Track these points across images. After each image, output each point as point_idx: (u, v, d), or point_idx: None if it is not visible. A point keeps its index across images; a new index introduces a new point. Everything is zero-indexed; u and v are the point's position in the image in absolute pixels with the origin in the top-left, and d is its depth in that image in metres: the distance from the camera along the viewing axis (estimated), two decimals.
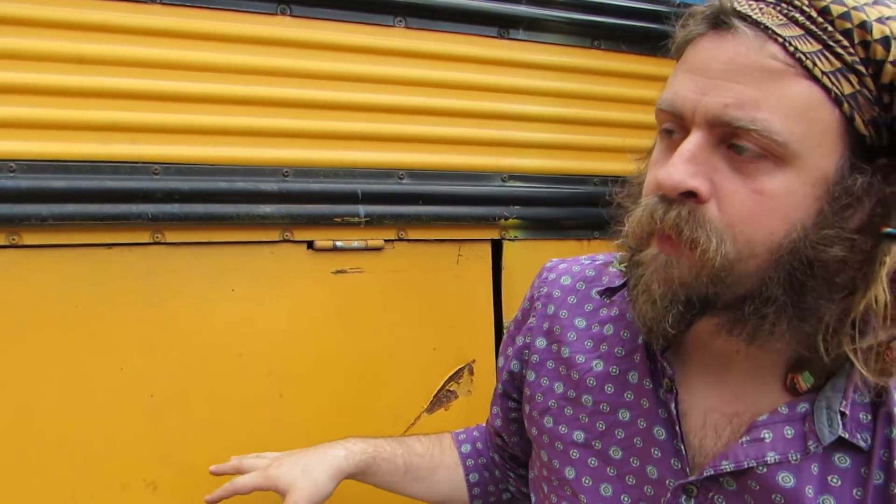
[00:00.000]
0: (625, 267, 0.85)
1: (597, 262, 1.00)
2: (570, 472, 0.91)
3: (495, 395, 1.13)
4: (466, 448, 1.18)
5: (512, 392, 1.06)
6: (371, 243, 1.40)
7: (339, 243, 1.37)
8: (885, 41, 0.64)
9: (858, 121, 0.66)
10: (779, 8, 0.68)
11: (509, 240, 1.51)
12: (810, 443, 0.73)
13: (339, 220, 1.35)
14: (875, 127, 0.67)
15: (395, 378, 1.44)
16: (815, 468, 0.74)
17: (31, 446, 1.17)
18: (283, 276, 1.34)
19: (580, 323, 0.96)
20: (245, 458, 1.13)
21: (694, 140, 0.69)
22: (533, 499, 1.02)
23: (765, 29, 0.67)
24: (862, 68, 0.65)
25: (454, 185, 1.45)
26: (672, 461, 0.82)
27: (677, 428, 0.82)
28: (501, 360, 1.08)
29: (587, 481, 0.89)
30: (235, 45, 1.28)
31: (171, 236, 1.25)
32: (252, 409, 1.32)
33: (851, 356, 0.68)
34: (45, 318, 1.18)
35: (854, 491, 0.73)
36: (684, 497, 0.80)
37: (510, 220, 1.49)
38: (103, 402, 1.22)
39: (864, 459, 0.73)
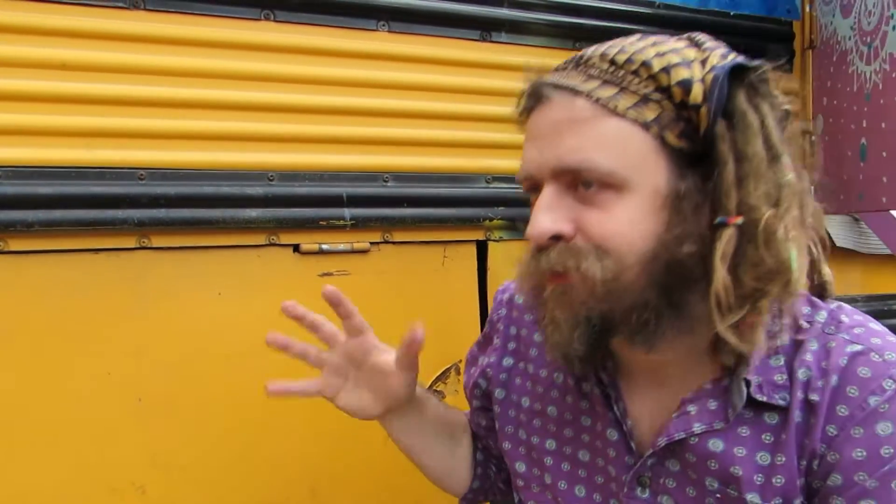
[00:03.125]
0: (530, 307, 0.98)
1: None
2: (547, 478, 0.99)
3: (471, 412, 1.17)
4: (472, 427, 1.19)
5: (488, 405, 1.10)
6: (357, 246, 1.41)
7: (324, 246, 1.38)
8: (666, 70, 0.77)
9: (670, 137, 0.78)
10: (579, 69, 0.82)
11: (494, 241, 1.52)
12: (729, 411, 0.83)
13: (324, 223, 1.36)
14: (688, 138, 0.78)
15: None
16: (744, 430, 0.83)
17: (19, 451, 1.18)
18: (269, 279, 1.35)
19: (538, 338, 1.02)
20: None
21: (547, 191, 0.81)
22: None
23: (571, 89, 0.80)
24: (657, 95, 0.78)
25: (439, 187, 1.46)
26: (626, 458, 0.90)
27: (624, 428, 0.90)
28: (466, 378, 1.15)
29: (563, 485, 0.97)
30: (219, 50, 1.28)
31: (157, 241, 1.26)
32: (240, 411, 1.33)
33: (724, 335, 0.76)
34: (32, 324, 1.19)
35: (781, 437, 0.82)
36: (639, 489, 0.89)
37: (495, 221, 1.51)
38: (91, 407, 1.22)
39: (785, 415, 0.82)
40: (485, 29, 1.49)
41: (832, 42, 1.77)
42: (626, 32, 1.58)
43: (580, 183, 0.79)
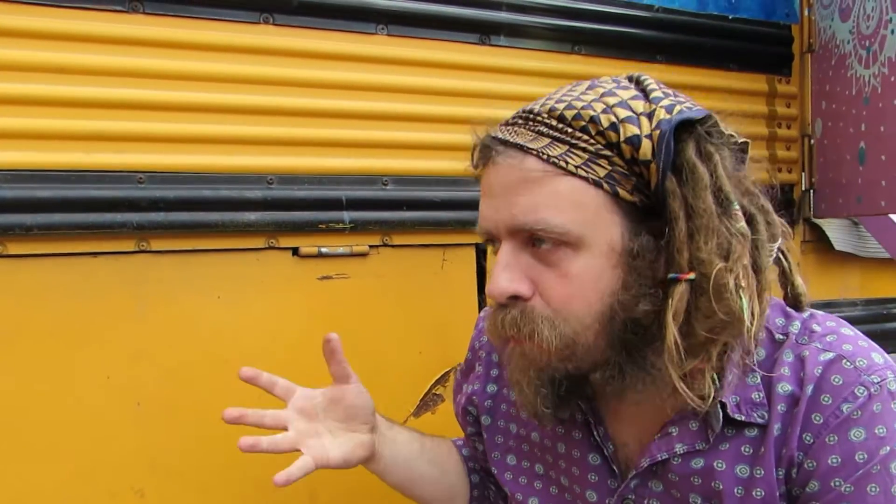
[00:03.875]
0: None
1: None
2: (534, 502, 1.01)
3: (466, 440, 1.18)
4: (466, 451, 1.21)
5: (481, 430, 1.10)
6: (356, 249, 1.41)
7: (324, 250, 1.38)
8: (614, 127, 0.78)
9: (623, 193, 0.78)
10: (528, 126, 0.82)
11: None
12: (710, 432, 0.84)
13: (323, 226, 1.36)
14: (640, 193, 0.79)
15: (382, 383, 1.44)
16: (724, 446, 0.85)
17: (18, 455, 1.17)
18: (268, 282, 1.35)
19: None
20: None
21: (505, 250, 0.82)
22: None
23: (521, 147, 0.80)
24: (607, 152, 0.78)
25: (438, 190, 1.46)
26: (609, 482, 0.92)
27: (605, 452, 0.92)
28: (455, 406, 1.16)
29: None
30: (219, 53, 1.28)
31: (156, 244, 1.26)
32: None
33: (678, 385, 0.77)
34: (31, 328, 1.18)
35: (760, 450, 0.83)
36: None
37: None
38: (90, 411, 1.22)
39: (765, 429, 0.83)
40: (483, 32, 1.49)
41: (831, 46, 1.77)
42: (625, 36, 1.61)
43: (535, 240, 0.80)
